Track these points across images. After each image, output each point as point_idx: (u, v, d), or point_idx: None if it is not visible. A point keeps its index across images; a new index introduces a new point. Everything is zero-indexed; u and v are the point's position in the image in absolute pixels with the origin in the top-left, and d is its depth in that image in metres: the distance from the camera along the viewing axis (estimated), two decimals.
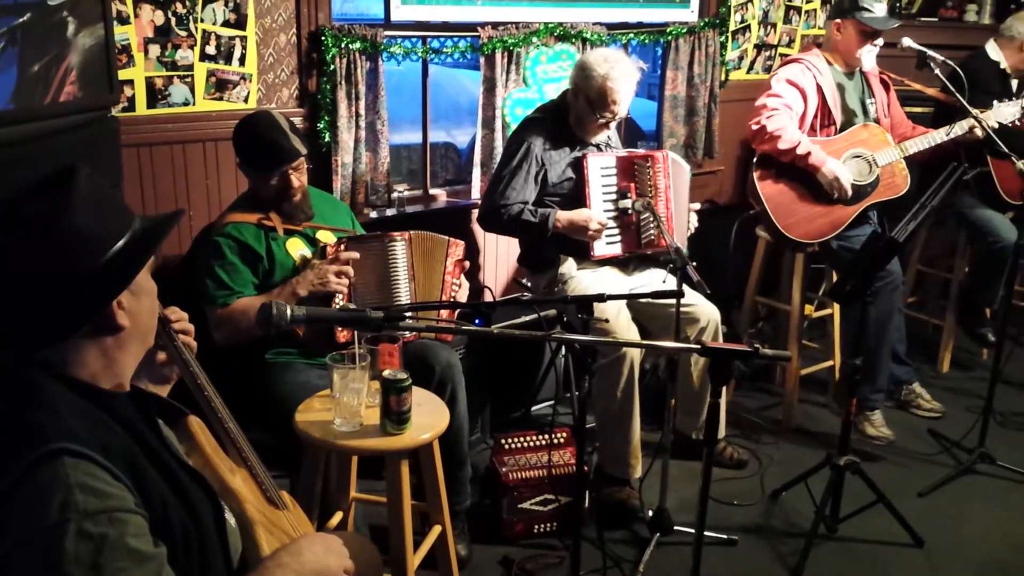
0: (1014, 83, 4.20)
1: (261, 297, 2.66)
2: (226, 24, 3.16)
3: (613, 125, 3.30)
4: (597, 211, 3.21)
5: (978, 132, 3.57)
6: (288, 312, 1.53)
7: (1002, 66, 4.17)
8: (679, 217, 3.30)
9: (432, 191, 4.02)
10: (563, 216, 3.17)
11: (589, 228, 3.17)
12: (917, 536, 3.04)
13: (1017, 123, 3.70)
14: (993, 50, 4.21)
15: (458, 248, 2.89)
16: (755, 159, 3.62)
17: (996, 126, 3.58)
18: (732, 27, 4.61)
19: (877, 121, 3.73)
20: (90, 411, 1.28)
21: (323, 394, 2.38)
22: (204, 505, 1.40)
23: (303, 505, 2.06)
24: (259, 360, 2.72)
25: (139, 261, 1.35)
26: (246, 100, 3.26)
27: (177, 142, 3.15)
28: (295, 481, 2.54)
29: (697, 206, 3.39)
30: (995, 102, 3.72)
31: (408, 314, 2.71)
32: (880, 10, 3.55)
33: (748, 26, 4.71)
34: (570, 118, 3.28)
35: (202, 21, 3.11)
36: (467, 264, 2.93)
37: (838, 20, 3.64)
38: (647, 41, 4.28)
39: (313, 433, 2.22)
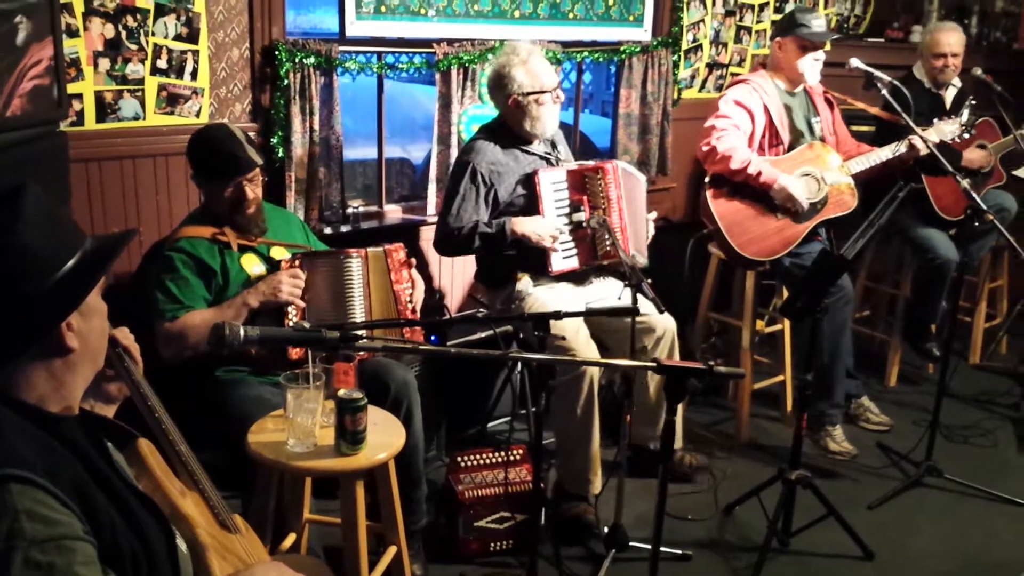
0: (948, 100, 4.31)
1: (211, 311, 2.62)
2: (178, 38, 3.12)
3: (562, 96, 3.31)
4: (551, 222, 3.21)
5: (921, 149, 3.65)
6: (241, 332, 1.51)
7: (926, 85, 4.28)
8: (635, 226, 3.32)
9: (387, 207, 4.01)
10: (518, 223, 3.16)
11: (544, 241, 3.17)
12: (867, 549, 3.08)
13: (957, 140, 3.79)
14: (918, 71, 4.33)
15: (398, 252, 2.86)
16: (707, 179, 3.67)
17: (938, 142, 3.66)
18: (684, 46, 4.67)
19: (823, 140, 3.80)
20: (38, 436, 1.25)
21: (276, 414, 2.35)
22: (154, 531, 1.38)
23: (255, 527, 2.03)
24: (210, 377, 2.68)
25: (89, 281, 1.33)
26: (198, 115, 3.22)
27: (127, 157, 3.10)
28: (247, 502, 2.51)
29: (654, 215, 3.43)
30: (936, 120, 3.80)
31: (363, 332, 2.71)
32: (818, 25, 3.63)
33: (700, 45, 4.77)
34: (525, 125, 3.26)
35: (153, 35, 3.07)
36: (413, 261, 2.90)
37: (779, 39, 3.73)
38: (601, 59, 4.32)
39: (266, 454, 2.19)
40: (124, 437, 1.60)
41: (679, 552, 3.06)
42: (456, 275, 4.04)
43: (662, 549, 2.10)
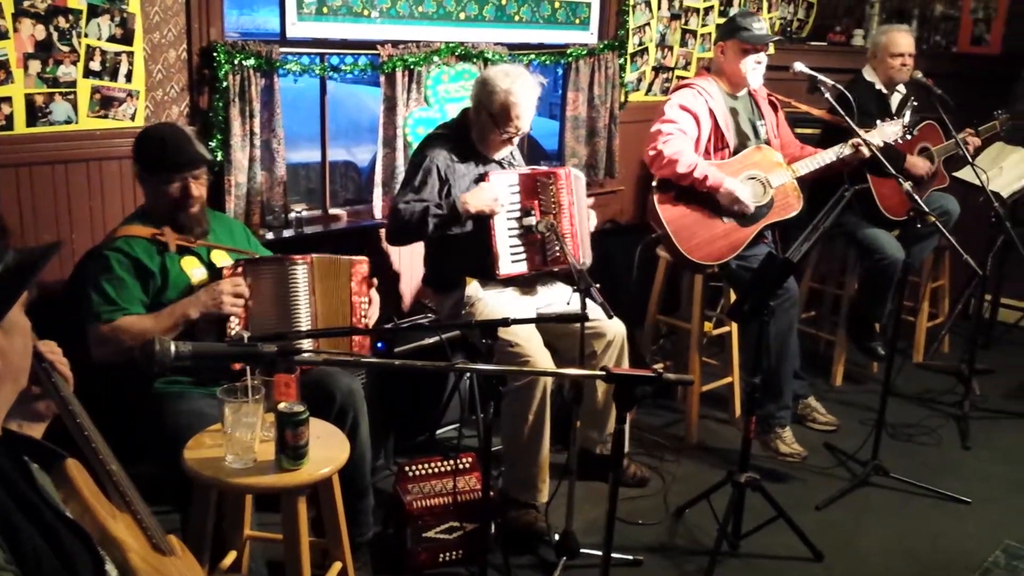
0: (893, 103, 4.37)
1: (149, 318, 2.53)
2: (112, 39, 3.03)
3: (516, 141, 3.29)
4: (496, 188, 3.17)
5: (864, 151, 3.69)
6: (172, 349, 1.45)
7: (877, 87, 4.34)
8: (584, 231, 3.31)
9: (332, 211, 3.93)
10: (469, 199, 3.11)
11: (497, 200, 3.14)
12: (816, 550, 3.10)
13: (899, 141, 3.83)
14: (868, 73, 4.39)
15: (362, 266, 2.82)
16: (654, 183, 3.67)
17: (881, 144, 3.71)
18: (630, 49, 4.67)
19: (768, 142, 3.82)
20: None
21: (214, 429, 2.27)
22: (83, 557, 1.31)
23: (194, 546, 1.97)
24: (148, 389, 2.60)
25: (10, 297, 1.26)
26: (133, 118, 3.12)
27: (59, 162, 3.00)
28: (186, 517, 2.43)
29: (591, 201, 3.44)
30: (879, 122, 3.84)
31: (307, 342, 2.65)
32: (758, 28, 3.66)
33: (646, 48, 4.78)
34: (472, 134, 3.27)
35: (86, 36, 2.97)
36: (375, 281, 2.86)
37: (721, 43, 3.75)
38: (548, 62, 4.30)
39: (203, 471, 2.11)
40: (50, 458, 1.52)
41: (630, 558, 3.05)
42: (404, 279, 3.99)
43: (613, 555, 2.08)
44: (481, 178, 3.22)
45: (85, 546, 1.35)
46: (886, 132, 3.78)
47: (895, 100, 4.39)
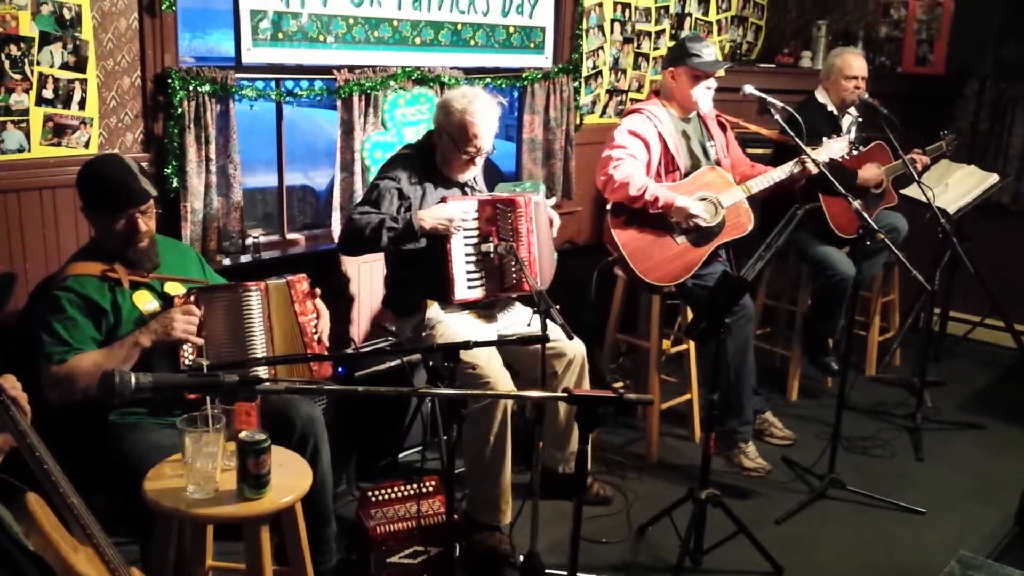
0: (845, 124, 4.48)
1: (100, 352, 2.50)
2: (65, 67, 3.00)
3: (480, 162, 3.31)
4: (455, 206, 3.18)
5: (812, 168, 3.76)
6: (132, 381, 1.44)
7: (829, 108, 4.45)
8: (544, 257, 3.33)
9: (290, 235, 3.92)
10: (425, 216, 3.10)
11: (453, 221, 3.13)
12: (776, 564, 3.13)
13: (846, 157, 3.92)
14: (821, 94, 4.50)
15: (301, 283, 2.79)
16: (608, 207, 3.71)
17: (827, 160, 3.78)
18: (585, 73, 4.74)
19: (718, 163, 3.88)
20: None
21: (174, 459, 2.25)
22: None
23: None
24: (104, 422, 2.56)
25: None
26: (87, 145, 3.10)
27: (11, 191, 2.96)
28: (147, 548, 2.40)
29: (554, 200, 3.45)
30: (825, 139, 3.92)
31: (264, 369, 2.63)
32: (708, 54, 3.71)
33: (600, 72, 4.85)
34: (436, 158, 3.28)
35: (39, 64, 2.94)
36: (317, 291, 2.84)
37: (672, 68, 3.79)
38: (504, 86, 4.34)
39: (164, 502, 2.09)
40: (11, 492, 1.51)
41: None
42: (363, 303, 3.98)
43: (578, 575, 2.09)
44: (442, 201, 3.24)
45: None
46: (832, 148, 3.86)
47: (846, 122, 4.49)
